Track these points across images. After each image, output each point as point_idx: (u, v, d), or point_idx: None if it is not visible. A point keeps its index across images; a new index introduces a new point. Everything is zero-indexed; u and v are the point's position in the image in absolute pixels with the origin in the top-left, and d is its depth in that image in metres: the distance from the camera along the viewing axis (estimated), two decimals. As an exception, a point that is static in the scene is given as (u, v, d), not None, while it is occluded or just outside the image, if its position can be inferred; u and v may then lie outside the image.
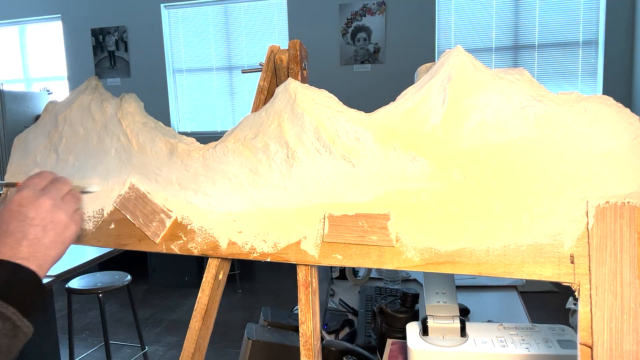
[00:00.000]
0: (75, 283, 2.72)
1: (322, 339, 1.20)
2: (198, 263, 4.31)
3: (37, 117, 0.91)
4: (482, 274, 0.61)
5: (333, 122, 0.67)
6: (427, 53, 4.64)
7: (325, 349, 1.05)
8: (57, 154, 0.85)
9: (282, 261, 0.70)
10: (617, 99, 0.57)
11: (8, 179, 0.89)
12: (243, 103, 5.34)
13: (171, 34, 5.45)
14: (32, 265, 0.60)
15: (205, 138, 0.82)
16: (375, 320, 1.19)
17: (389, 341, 1.07)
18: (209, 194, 0.74)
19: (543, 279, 0.58)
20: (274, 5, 5.11)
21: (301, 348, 0.70)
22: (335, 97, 0.70)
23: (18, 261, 0.59)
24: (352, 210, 0.66)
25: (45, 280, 2.11)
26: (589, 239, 0.56)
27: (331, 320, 1.41)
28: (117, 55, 5.56)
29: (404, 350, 1.01)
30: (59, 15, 5.68)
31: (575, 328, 0.58)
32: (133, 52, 5.52)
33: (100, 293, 2.65)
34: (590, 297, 0.55)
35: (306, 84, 0.71)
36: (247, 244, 0.72)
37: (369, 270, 1.75)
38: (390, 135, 0.65)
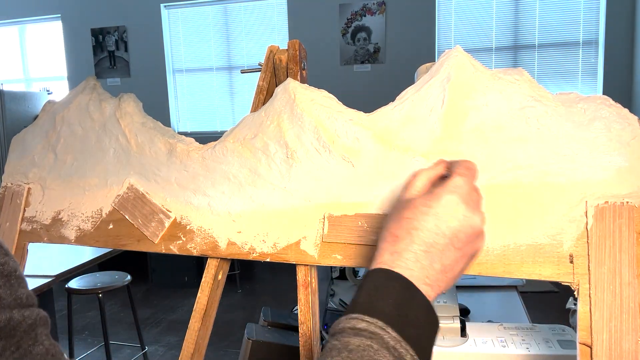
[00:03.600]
0: (75, 283, 2.72)
1: (322, 339, 1.20)
2: (198, 263, 4.31)
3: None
4: (481, 273, 0.61)
5: (332, 122, 0.67)
6: (427, 53, 4.64)
7: (325, 349, 1.05)
8: (55, 153, 0.85)
9: (281, 261, 0.69)
10: (617, 99, 0.57)
11: (6, 179, 0.88)
12: (243, 103, 5.33)
13: (171, 34, 5.45)
14: (432, 296, 0.46)
15: (205, 138, 0.82)
16: (375, 320, 1.18)
17: (389, 341, 1.07)
18: (208, 194, 0.74)
19: (542, 279, 0.58)
20: (274, 5, 5.10)
21: (301, 348, 0.70)
22: (335, 97, 0.70)
23: (424, 286, 0.45)
24: (351, 210, 0.66)
25: (45, 281, 2.07)
26: (588, 239, 0.56)
27: (331, 320, 1.41)
28: (117, 55, 5.56)
29: (403, 350, 1.01)
30: (59, 15, 5.68)
31: (575, 328, 0.58)
32: (133, 52, 5.52)
33: (100, 293, 2.65)
34: (590, 296, 0.55)
35: (305, 84, 0.71)
36: (246, 244, 0.72)
37: (369, 270, 1.75)
38: (389, 135, 0.65)
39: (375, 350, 0.40)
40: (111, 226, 0.80)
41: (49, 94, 5.61)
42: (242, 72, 0.91)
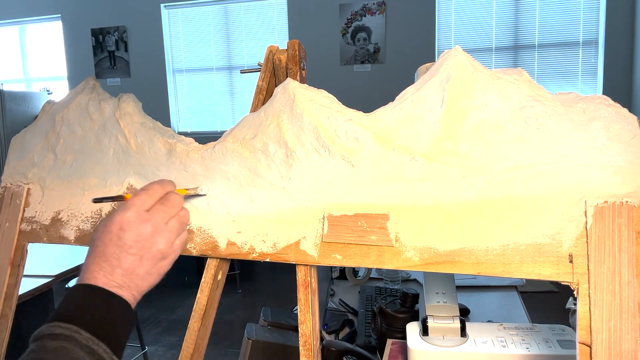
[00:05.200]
0: (75, 283, 2.71)
1: (322, 339, 1.20)
2: (198, 263, 4.31)
3: (37, 117, 0.91)
4: (481, 273, 0.61)
5: (332, 122, 0.67)
6: (427, 53, 4.64)
7: (325, 349, 1.05)
8: (55, 154, 0.85)
9: (281, 261, 0.69)
10: (617, 99, 0.57)
11: (5, 179, 0.88)
12: (243, 103, 5.34)
13: (171, 34, 5.45)
14: (126, 295, 0.57)
15: (205, 138, 0.82)
16: (375, 320, 1.18)
17: (389, 341, 1.07)
18: (207, 194, 0.74)
19: (542, 279, 0.58)
20: (274, 5, 5.10)
21: (301, 348, 0.70)
22: (334, 97, 0.70)
23: (112, 289, 0.56)
24: (351, 210, 0.66)
25: (45, 281, 2.10)
26: (587, 239, 0.56)
27: (331, 320, 1.41)
28: (117, 55, 5.56)
29: (404, 350, 1.01)
30: (59, 15, 5.68)
31: (575, 328, 0.58)
32: (133, 52, 5.52)
33: (100, 293, 2.64)
34: (589, 296, 0.55)
35: (305, 84, 0.71)
36: (246, 244, 0.72)
37: (369, 270, 1.75)
38: (389, 135, 0.65)
39: (68, 350, 0.49)
40: (111, 226, 0.80)
41: (49, 94, 5.61)
42: (242, 72, 0.91)
